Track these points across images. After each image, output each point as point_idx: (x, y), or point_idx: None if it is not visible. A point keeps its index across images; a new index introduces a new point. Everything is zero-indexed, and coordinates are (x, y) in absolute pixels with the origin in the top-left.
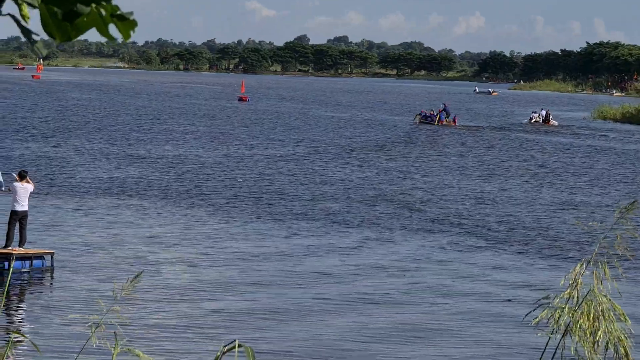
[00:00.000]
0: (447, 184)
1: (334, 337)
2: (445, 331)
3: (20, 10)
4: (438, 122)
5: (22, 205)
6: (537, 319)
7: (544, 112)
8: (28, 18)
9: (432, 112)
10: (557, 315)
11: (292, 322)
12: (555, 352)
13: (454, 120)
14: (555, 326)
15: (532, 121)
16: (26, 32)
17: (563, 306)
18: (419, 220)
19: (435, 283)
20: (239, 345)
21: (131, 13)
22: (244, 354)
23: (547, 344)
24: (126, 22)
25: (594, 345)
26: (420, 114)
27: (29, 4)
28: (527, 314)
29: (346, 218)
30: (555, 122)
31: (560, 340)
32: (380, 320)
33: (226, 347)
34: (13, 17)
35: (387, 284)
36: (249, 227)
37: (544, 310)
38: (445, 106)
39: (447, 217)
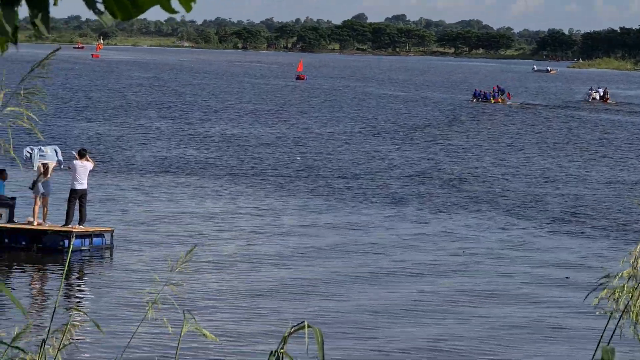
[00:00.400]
0: (503, 162)
1: (390, 308)
2: (501, 307)
3: None
4: (493, 100)
5: (82, 184)
6: (596, 299)
7: (601, 90)
8: None
9: (486, 91)
10: (617, 295)
11: (350, 293)
12: (614, 332)
13: (508, 96)
14: (615, 306)
15: (590, 99)
16: (91, 3)
17: (622, 285)
18: (476, 198)
19: (493, 260)
20: (308, 327)
21: None
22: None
23: (607, 324)
24: None
25: None
26: (474, 93)
27: None
28: (587, 295)
29: (403, 196)
30: (612, 100)
31: (619, 320)
32: (437, 291)
33: (293, 328)
34: None
35: (444, 260)
36: (307, 205)
37: (603, 290)
38: (498, 86)
39: (504, 195)
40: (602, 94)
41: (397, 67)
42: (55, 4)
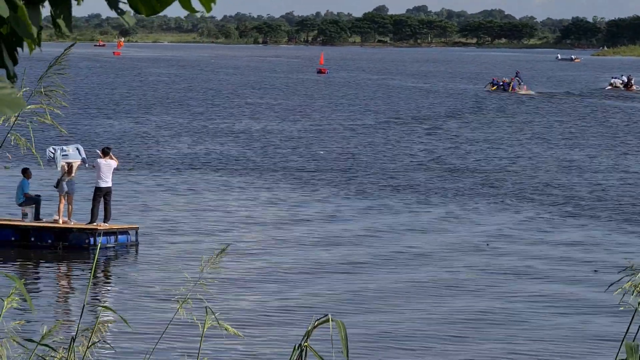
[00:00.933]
0: (524, 152)
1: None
2: (528, 303)
3: None
4: (511, 89)
5: (106, 182)
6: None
7: (625, 78)
8: None
9: (505, 80)
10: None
11: (377, 300)
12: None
13: (525, 87)
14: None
15: (614, 87)
16: (113, 3)
17: None
18: (501, 190)
19: (521, 253)
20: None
21: None
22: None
23: (631, 319)
24: None
25: None
26: (492, 82)
27: None
28: (609, 286)
29: (429, 190)
30: (637, 87)
31: None
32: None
33: (317, 322)
34: None
35: (469, 256)
36: (331, 201)
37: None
38: (517, 73)
39: (530, 186)
40: (626, 82)
41: (418, 59)
42: (78, 3)
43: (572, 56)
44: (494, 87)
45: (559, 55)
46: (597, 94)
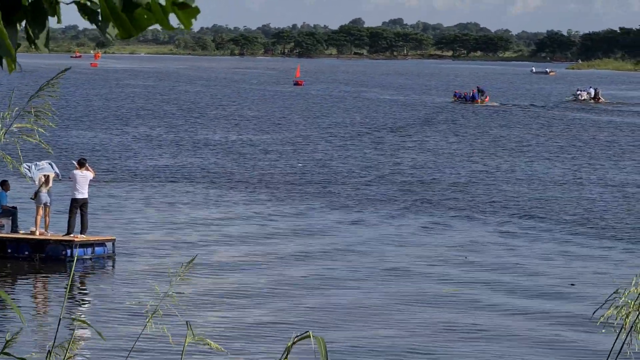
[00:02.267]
0: (490, 164)
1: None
2: (504, 318)
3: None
4: (473, 101)
5: (82, 193)
6: (602, 317)
7: (592, 90)
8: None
9: (466, 93)
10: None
11: (347, 294)
12: (621, 349)
13: (487, 98)
14: (623, 323)
15: (581, 99)
16: (94, 18)
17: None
18: (470, 202)
19: (492, 266)
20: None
21: (193, 0)
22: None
23: (615, 340)
24: (188, 10)
25: None
26: (455, 95)
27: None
28: (594, 311)
29: (403, 202)
30: (604, 100)
31: (626, 338)
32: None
33: (297, 338)
34: (78, 3)
35: (446, 269)
36: (307, 214)
37: (609, 308)
38: (478, 87)
39: (499, 198)
40: (594, 94)
41: (394, 71)
42: (58, 21)
43: (547, 69)
44: (456, 99)
45: (533, 68)
46: (562, 105)
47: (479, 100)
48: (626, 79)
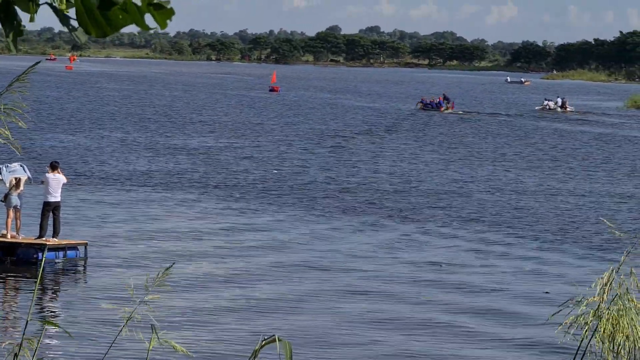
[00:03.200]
0: (457, 172)
1: (350, 326)
2: (475, 325)
3: (59, 3)
4: (438, 108)
5: (55, 196)
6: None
7: (559, 100)
8: (66, 10)
9: (432, 100)
10: (582, 320)
11: (321, 307)
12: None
13: (452, 105)
14: (584, 328)
15: (549, 108)
16: (65, 19)
17: (591, 310)
18: (431, 210)
19: (468, 276)
20: (278, 340)
21: (168, 2)
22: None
23: (579, 345)
24: (163, 11)
25: (615, 349)
26: (422, 102)
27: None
28: (553, 314)
29: (379, 209)
30: (571, 109)
31: (588, 344)
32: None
33: (264, 341)
34: (51, 5)
35: (421, 273)
36: (282, 219)
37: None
38: (444, 94)
39: (472, 206)
40: (561, 104)
41: (370, 79)
42: (31, 19)
43: (522, 79)
44: (422, 106)
45: (508, 77)
46: (529, 114)
47: (444, 108)
48: (600, 89)
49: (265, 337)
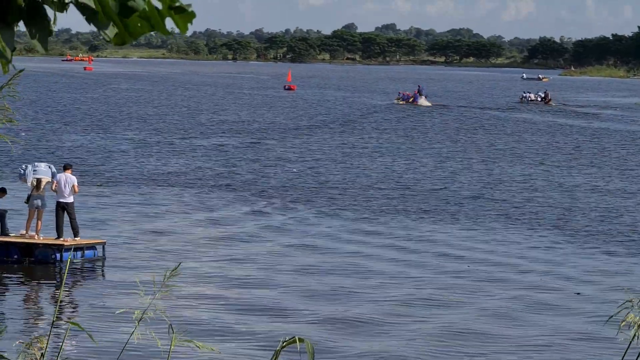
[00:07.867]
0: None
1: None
2: (512, 324)
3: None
4: (413, 101)
5: (64, 197)
6: (623, 322)
7: (541, 93)
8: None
9: (409, 93)
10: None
11: (328, 305)
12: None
13: (424, 99)
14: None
15: (529, 100)
16: (92, 17)
17: None
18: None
19: (499, 275)
20: (300, 340)
21: (190, 5)
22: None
23: (629, 345)
24: (184, 15)
25: None
26: (399, 96)
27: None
28: (611, 316)
29: (397, 207)
30: (554, 103)
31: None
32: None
33: (285, 342)
34: (77, 2)
35: (450, 276)
36: (297, 218)
37: (628, 314)
38: (419, 87)
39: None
40: (543, 97)
41: (386, 77)
42: (54, 22)
43: (540, 75)
44: (400, 100)
45: (524, 74)
46: (509, 107)
47: (419, 102)
48: (619, 85)
49: (286, 338)
